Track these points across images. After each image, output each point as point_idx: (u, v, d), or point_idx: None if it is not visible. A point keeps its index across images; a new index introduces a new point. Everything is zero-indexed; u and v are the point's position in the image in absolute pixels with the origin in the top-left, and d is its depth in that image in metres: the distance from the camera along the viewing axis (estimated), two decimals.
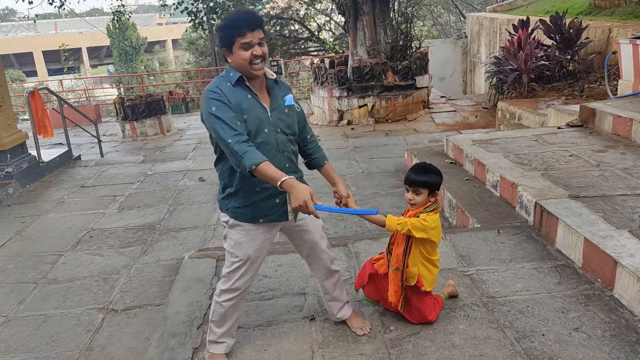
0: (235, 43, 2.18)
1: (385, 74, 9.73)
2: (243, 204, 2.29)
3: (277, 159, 2.26)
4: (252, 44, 2.17)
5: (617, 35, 7.43)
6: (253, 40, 2.17)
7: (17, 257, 4.35)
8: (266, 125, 2.25)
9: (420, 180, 2.36)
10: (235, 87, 2.22)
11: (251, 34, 2.17)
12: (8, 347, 3.03)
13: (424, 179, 2.36)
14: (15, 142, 6.66)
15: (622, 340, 2.37)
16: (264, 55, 2.23)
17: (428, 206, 2.39)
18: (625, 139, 4.78)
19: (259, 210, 2.30)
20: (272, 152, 2.25)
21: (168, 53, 44.79)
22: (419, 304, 2.55)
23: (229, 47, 2.22)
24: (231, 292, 2.37)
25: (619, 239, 2.89)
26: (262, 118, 2.24)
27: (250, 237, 2.32)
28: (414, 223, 2.33)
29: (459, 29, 23.43)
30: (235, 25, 2.17)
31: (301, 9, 19.53)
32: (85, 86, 23.39)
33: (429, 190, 2.37)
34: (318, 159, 2.53)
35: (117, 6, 14.43)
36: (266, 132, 2.24)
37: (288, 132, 2.33)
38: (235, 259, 2.33)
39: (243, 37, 2.16)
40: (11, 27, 54.05)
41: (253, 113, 2.22)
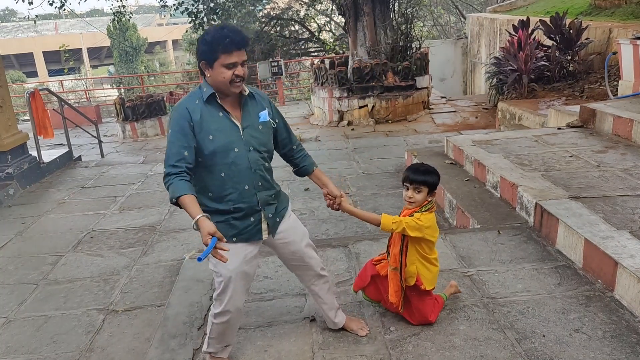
0: (218, 59, 2.10)
1: (385, 75, 9.73)
2: (219, 220, 2.21)
3: (249, 178, 2.21)
4: (236, 64, 2.12)
5: (617, 35, 7.43)
6: (238, 61, 2.12)
7: (17, 258, 4.35)
8: (237, 144, 2.18)
9: (422, 179, 2.38)
10: (206, 105, 2.16)
11: (237, 54, 2.11)
12: (9, 348, 3.03)
13: (425, 177, 2.39)
14: (16, 142, 6.66)
15: (622, 341, 2.37)
16: (244, 77, 2.17)
17: (424, 205, 2.41)
18: (625, 140, 4.78)
19: (232, 228, 2.24)
20: (243, 172, 2.19)
21: (168, 54, 44.80)
22: (419, 304, 2.55)
23: (210, 62, 2.13)
24: (225, 315, 2.31)
25: (620, 239, 2.89)
26: (233, 137, 2.18)
27: (230, 253, 2.16)
28: (409, 222, 2.36)
29: (459, 29, 23.43)
30: (222, 41, 2.08)
31: (301, 10, 19.53)
32: (86, 87, 23.41)
33: (428, 189, 2.40)
34: (307, 167, 2.53)
35: (118, 7, 14.44)
36: (236, 151, 2.18)
37: (262, 149, 2.27)
38: (220, 278, 2.26)
39: (229, 56, 2.09)
40: (11, 27, 54.08)
41: (222, 132, 2.16)
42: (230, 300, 2.27)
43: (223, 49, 2.08)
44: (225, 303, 2.27)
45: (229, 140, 2.17)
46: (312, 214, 4.80)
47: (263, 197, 2.28)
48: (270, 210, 2.32)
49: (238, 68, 2.12)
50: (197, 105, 2.15)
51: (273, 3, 19.83)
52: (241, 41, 2.11)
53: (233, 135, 2.18)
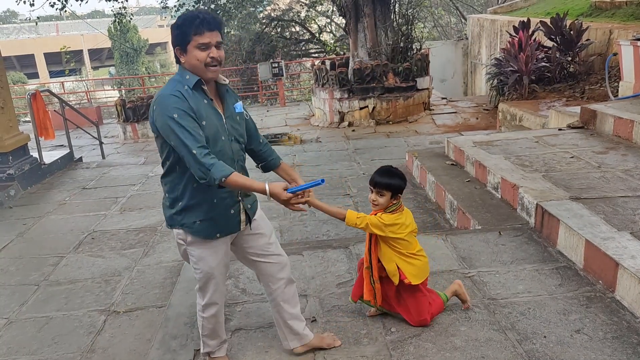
0: (191, 42, 2.06)
1: (386, 76, 9.73)
2: (199, 219, 2.18)
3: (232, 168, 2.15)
4: (209, 45, 2.07)
5: (617, 36, 7.43)
6: (211, 42, 2.07)
7: (19, 259, 4.36)
8: (222, 133, 2.15)
9: (384, 182, 2.40)
10: (193, 91, 2.09)
11: (210, 34, 2.06)
12: (10, 349, 3.04)
13: (388, 181, 2.40)
14: (17, 144, 6.67)
15: (623, 342, 2.37)
16: (221, 60, 2.12)
17: (389, 207, 2.43)
18: (626, 141, 4.78)
19: (216, 224, 2.21)
20: (227, 162, 2.12)
21: (169, 55, 44.80)
22: (413, 301, 2.56)
23: (183, 46, 2.08)
24: (210, 307, 2.33)
25: (620, 240, 2.89)
26: (218, 125, 2.14)
27: (210, 251, 2.23)
28: (372, 220, 2.40)
29: (459, 30, 23.44)
30: (193, 23, 2.04)
31: (302, 11, 19.55)
32: (87, 88, 23.42)
33: (391, 193, 2.41)
34: (274, 160, 2.48)
35: (119, 8, 14.46)
36: (223, 139, 2.15)
37: (241, 140, 2.27)
38: (201, 274, 2.27)
39: (201, 37, 2.04)
40: (12, 29, 54.15)
41: (211, 120, 2.12)
42: (214, 293, 2.32)
43: (195, 29, 2.04)
44: (209, 295, 2.31)
45: (216, 129, 2.13)
46: (312, 215, 4.80)
47: None
48: (249, 201, 2.32)
49: (212, 50, 2.07)
50: (186, 91, 2.07)
51: (274, 4, 19.84)
52: (212, 21, 2.06)
53: (219, 124, 2.15)
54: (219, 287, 2.33)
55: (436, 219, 4.53)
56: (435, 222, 4.46)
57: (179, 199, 2.20)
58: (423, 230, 4.23)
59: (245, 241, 2.37)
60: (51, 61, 41.05)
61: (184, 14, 2.13)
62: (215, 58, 2.09)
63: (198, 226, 2.20)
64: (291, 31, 19.42)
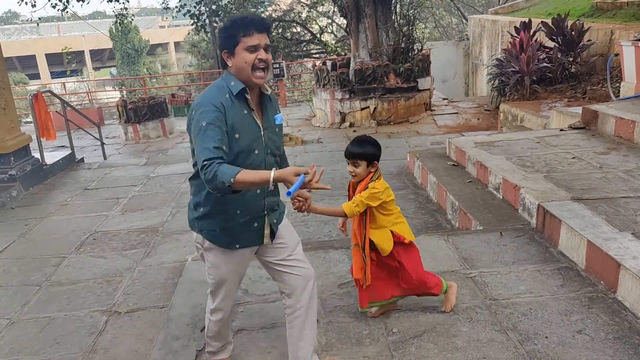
0: (239, 43, 1.99)
1: (387, 76, 9.73)
2: (219, 228, 2.14)
3: None
4: (258, 47, 2.00)
5: (619, 37, 7.43)
6: (260, 44, 2.00)
7: (20, 260, 4.36)
8: (257, 145, 2.09)
9: (357, 152, 2.47)
10: (235, 100, 2.02)
11: (259, 36, 2.00)
12: (12, 349, 3.04)
13: (360, 150, 2.47)
14: (19, 144, 6.68)
15: (625, 342, 2.37)
16: (268, 64, 2.05)
17: (372, 176, 2.49)
18: (627, 141, 4.78)
19: (235, 235, 2.15)
20: None
21: (170, 55, 44.88)
22: (412, 262, 2.60)
23: (231, 48, 2.02)
24: (218, 312, 2.33)
25: (622, 241, 2.89)
26: (255, 137, 2.08)
27: (226, 260, 2.20)
28: (367, 196, 2.45)
29: (460, 31, 23.44)
30: (242, 24, 1.99)
31: (303, 12, 19.57)
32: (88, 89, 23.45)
33: (366, 162, 2.48)
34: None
35: (120, 9, 14.48)
36: (256, 153, 2.08)
37: (276, 153, 2.20)
38: (213, 280, 2.26)
39: (250, 38, 1.98)
40: (14, 29, 54.23)
41: (247, 132, 2.04)
42: (223, 300, 2.31)
43: (243, 31, 1.98)
44: (219, 301, 2.31)
45: (251, 141, 2.06)
46: (314, 215, 4.80)
47: (270, 203, 2.20)
48: (275, 216, 2.25)
49: (261, 52, 2.00)
50: (227, 99, 2.00)
51: (275, 5, 19.87)
52: (262, 23, 2.02)
53: (255, 136, 2.08)
54: (229, 295, 2.31)
55: (437, 219, 4.53)
56: (436, 223, 4.46)
57: (202, 205, 2.15)
58: (425, 230, 4.23)
59: (267, 252, 2.30)
60: (52, 62, 41.12)
61: (231, 17, 2.09)
62: (264, 60, 2.02)
63: (217, 235, 2.15)
64: (292, 32, 19.45)
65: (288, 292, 2.29)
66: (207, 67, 21.96)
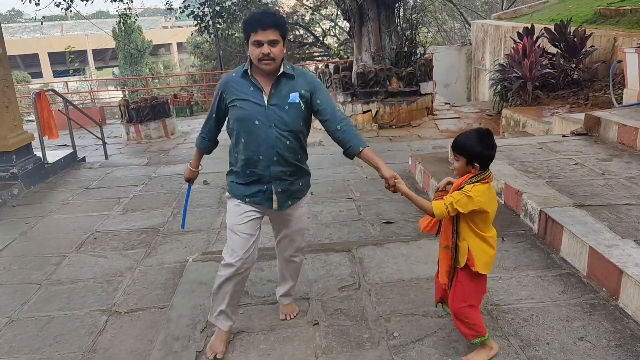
0: (249, 37, 2.35)
1: (389, 80, 9.74)
2: (236, 181, 2.55)
3: (265, 150, 2.42)
4: (262, 43, 2.31)
5: (622, 44, 7.44)
6: (263, 40, 2.31)
7: (21, 258, 4.36)
8: (259, 117, 2.40)
9: (457, 144, 2.18)
10: (241, 78, 2.45)
11: (262, 33, 2.31)
12: (11, 347, 3.03)
13: (460, 143, 2.17)
14: (21, 143, 6.68)
15: (627, 350, 2.36)
16: (274, 56, 2.34)
17: (472, 177, 2.16)
18: (630, 148, 4.78)
19: (245, 190, 2.52)
20: (261, 144, 2.42)
21: (173, 56, 44.95)
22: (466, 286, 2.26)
23: (246, 41, 2.41)
24: (228, 267, 2.50)
25: (624, 248, 2.88)
26: (257, 110, 2.40)
27: (237, 208, 2.54)
28: (457, 198, 2.12)
29: (463, 35, 23.46)
30: (250, 21, 2.34)
31: (306, 14, 19.61)
32: (90, 88, 23.48)
33: (465, 159, 2.15)
34: (352, 148, 2.44)
35: (124, 9, 14.51)
36: (257, 123, 2.40)
37: (283, 128, 2.43)
38: (228, 230, 2.55)
39: (255, 35, 2.32)
40: (17, 28, 54.35)
41: (248, 104, 2.41)
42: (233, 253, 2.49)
43: (250, 28, 2.33)
44: (229, 254, 2.50)
45: (251, 112, 2.40)
46: (315, 218, 4.80)
47: (276, 172, 2.47)
48: (281, 185, 2.51)
49: (264, 47, 2.31)
50: (233, 77, 2.48)
51: (278, 7, 19.91)
52: (267, 22, 2.30)
53: (257, 109, 2.40)
54: (237, 247, 2.49)
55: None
56: None
57: (230, 164, 2.61)
58: (426, 235, 4.22)
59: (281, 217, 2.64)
60: (55, 61, 41.19)
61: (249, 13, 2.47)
62: (266, 54, 2.33)
63: (233, 185, 2.58)
64: (295, 34, 19.48)
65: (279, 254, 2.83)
66: (209, 68, 21.99)
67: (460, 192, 2.14)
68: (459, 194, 2.14)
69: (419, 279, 3.14)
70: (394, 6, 10.33)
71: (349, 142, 2.44)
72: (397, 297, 2.94)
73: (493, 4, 25.01)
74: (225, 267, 2.51)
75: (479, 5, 26.96)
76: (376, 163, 2.38)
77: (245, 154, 2.46)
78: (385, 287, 3.06)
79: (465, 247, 2.22)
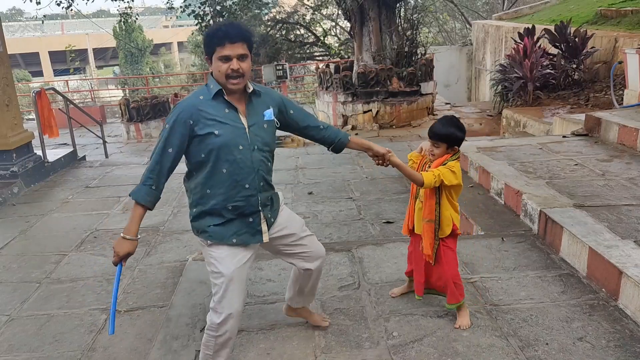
0: (215, 52, 2.11)
1: (390, 80, 9.74)
2: (214, 223, 2.21)
3: (250, 177, 2.18)
4: (230, 58, 2.09)
5: (623, 45, 7.43)
6: (232, 54, 2.09)
7: (21, 257, 4.36)
8: (242, 141, 2.15)
9: (440, 133, 2.46)
10: (212, 101, 2.15)
11: (231, 47, 2.08)
12: (11, 346, 3.04)
13: (444, 132, 2.46)
14: (21, 141, 6.68)
15: (626, 350, 2.36)
16: (243, 72, 2.12)
17: (453, 155, 2.49)
18: (630, 149, 4.78)
19: (230, 228, 2.21)
20: (245, 171, 2.16)
21: (173, 55, 44.96)
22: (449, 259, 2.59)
23: (209, 55, 2.16)
24: (228, 320, 2.21)
25: (624, 248, 2.88)
26: (238, 134, 2.15)
27: (229, 252, 2.21)
28: (445, 173, 2.43)
29: (464, 36, 23.45)
30: (216, 34, 2.10)
31: (307, 14, 19.59)
32: (91, 87, 23.49)
33: (447, 145, 2.47)
34: (342, 140, 2.46)
35: (124, 8, 14.51)
36: (241, 149, 2.15)
37: (265, 149, 2.23)
38: (219, 279, 2.19)
39: (222, 49, 2.09)
40: (18, 27, 54.36)
41: (227, 129, 2.13)
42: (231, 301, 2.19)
43: (217, 41, 2.09)
44: (229, 304, 2.19)
45: (233, 137, 2.14)
46: (315, 217, 4.80)
47: (263, 199, 2.25)
48: (268, 211, 2.30)
49: (233, 62, 2.09)
50: (201, 100, 2.15)
51: (279, 7, 19.91)
52: (236, 35, 2.09)
53: (238, 133, 2.15)
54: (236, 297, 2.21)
55: None
56: None
57: (195, 204, 2.25)
58: None
59: (272, 242, 2.36)
60: (56, 60, 41.19)
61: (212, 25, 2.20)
62: (236, 70, 2.11)
63: (213, 229, 2.21)
64: (296, 34, 19.47)
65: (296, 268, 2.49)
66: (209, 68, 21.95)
67: (445, 168, 2.45)
68: (444, 168, 2.44)
69: None
70: (395, 6, 10.34)
71: (336, 135, 2.46)
72: (396, 297, 2.94)
73: (494, 4, 25.00)
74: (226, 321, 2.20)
75: (480, 5, 26.95)
76: (367, 144, 2.48)
77: (225, 187, 2.16)
78: (385, 286, 3.06)
79: (449, 217, 2.55)
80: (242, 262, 2.24)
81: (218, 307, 2.21)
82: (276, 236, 2.36)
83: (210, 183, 2.17)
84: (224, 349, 2.30)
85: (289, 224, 2.40)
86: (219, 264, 2.21)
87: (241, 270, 2.24)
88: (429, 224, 2.54)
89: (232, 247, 2.22)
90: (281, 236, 2.37)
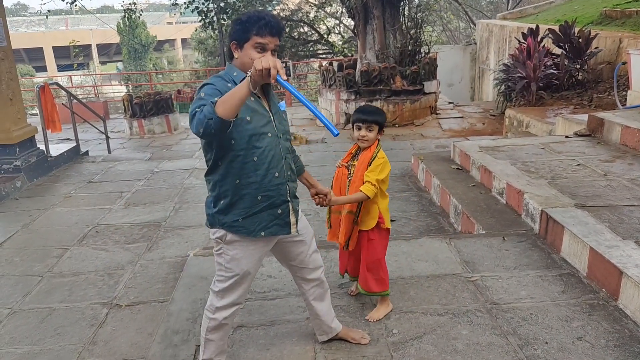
0: (249, 40, 2.01)
1: (393, 79, 9.73)
2: (242, 217, 2.12)
3: (279, 165, 2.14)
4: (267, 49, 2.02)
5: (627, 45, 7.41)
6: (269, 45, 2.02)
7: (23, 250, 4.38)
8: (270, 129, 2.11)
9: (373, 118, 2.57)
10: None
11: (270, 38, 2.02)
12: (12, 338, 3.05)
13: (375, 117, 2.58)
14: (25, 136, 6.70)
15: (625, 350, 2.37)
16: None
17: (377, 144, 2.61)
18: (633, 150, 4.77)
19: (259, 222, 2.14)
20: (275, 158, 2.12)
21: (177, 52, 45.00)
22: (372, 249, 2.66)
23: (240, 42, 2.04)
24: (229, 307, 2.24)
25: (625, 249, 2.88)
26: (266, 121, 2.11)
27: (248, 253, 2.17)
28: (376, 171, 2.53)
29: (468, 35, 23.41)
30: (258, 22, 2.00)
31: (311, 12, 19.57)
32: (94, 83, 23.52)
33: (378, 127, 2.59)
34: (300, 167, 2.44)
35: (129, 4, 14.52)
36: (270, 136, 2.10)
37: (288, 137, 2.24)
38: (230, 273, 2.18)
39: (261, 38, 2.00)
40: (22, 22, 54.44)
41: (257, 116, 2.08)
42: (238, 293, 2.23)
43: (257, 30, 2.00)
44: (233, 296, 2.22)
45: (263, 124, 2.09)
46: (317, 215, 4.81)
47: (292, 188, 2.22)
48: (297, 203, 2.26)
49: (268, 53, 2.02)
50: (229, 88, 1.99)
51: (283, 4, 19.89)
52: (277, 27, 2.03)
53: (266, 120, 2.11)
54: (243, 290, 2.25)
55: (440, 222, 4.53)
56: (439, 226, 4.46)
57: (222, 197, 2.13)
58: (427, 233, 4.23)
59: (285, 246, 2.33)
60: (59, 55, 41.26)
61: (250, 12, 2.08)
62: None
63: (240, 224, 2.13)
64: (299, 31, 19.45)
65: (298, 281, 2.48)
66: (213, 65, 21.99)
67: (376, 162, 2.54)
68: (374, 166, 2.54)
69: (419, 276, 3.15)
70: (399, 4, 10.32)
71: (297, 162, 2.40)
72: (396, 294, 2.95)
73: (498, 3, 24.95)
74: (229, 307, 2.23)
75: (484, 4, 26.90)
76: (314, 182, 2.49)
77: (258, 174, 2.08)
78: None
79: (377, 210, 2.61)
80: (256, 260, 2.22)
81: (221, 293, 2.23)
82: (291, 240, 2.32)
83: (240, 173, 2.08)
84: (217, 332, 2.28)
85: (305, 231, 2.37)
86: (233, 261, 2.18)
87: (254, 269, 2.24)
88: (349, 215, 2.63)
89: (254, 243, 2.17)
90: (295, 241, 2.33)
